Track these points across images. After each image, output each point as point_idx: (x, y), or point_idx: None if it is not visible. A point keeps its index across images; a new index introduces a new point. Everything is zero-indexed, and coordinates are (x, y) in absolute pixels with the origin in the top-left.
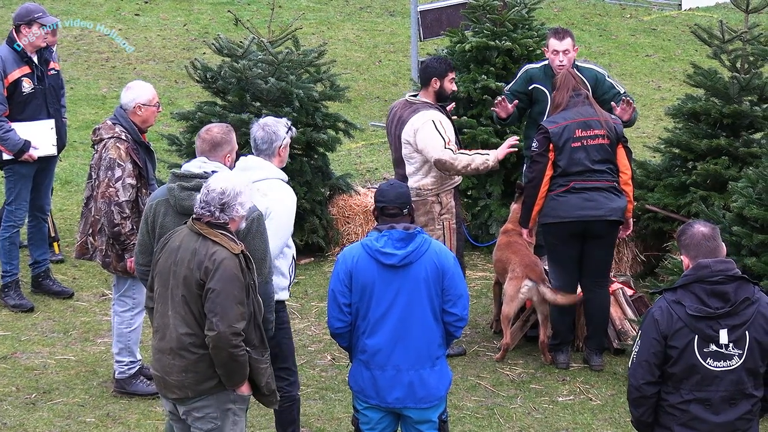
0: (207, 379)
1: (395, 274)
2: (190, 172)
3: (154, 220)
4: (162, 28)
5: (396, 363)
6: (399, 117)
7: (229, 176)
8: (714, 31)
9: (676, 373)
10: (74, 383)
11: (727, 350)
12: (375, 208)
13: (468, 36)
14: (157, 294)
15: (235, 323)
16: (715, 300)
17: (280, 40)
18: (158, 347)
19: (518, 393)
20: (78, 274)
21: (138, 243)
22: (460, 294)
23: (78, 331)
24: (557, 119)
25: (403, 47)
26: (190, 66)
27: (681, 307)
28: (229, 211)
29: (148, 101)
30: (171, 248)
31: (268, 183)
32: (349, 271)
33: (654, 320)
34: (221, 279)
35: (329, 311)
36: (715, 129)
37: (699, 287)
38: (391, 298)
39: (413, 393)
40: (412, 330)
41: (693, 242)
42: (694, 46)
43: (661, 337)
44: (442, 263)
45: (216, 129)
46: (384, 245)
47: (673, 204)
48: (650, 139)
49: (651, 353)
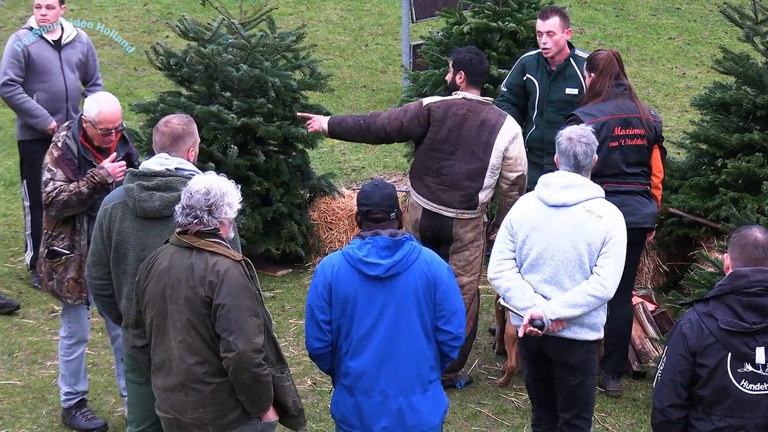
0: (229, 410)
1: (380, 286)
2: (150, 170)
3: (110, 226)
4: (119, 8)
5: (382, 388)
6: (483, 120)
7: (211, 177)
8: (746, 11)
9: (706, 396)
10: (20, 412)
11: (764, 371)
12: (358, 212)
13: (467, 17)
14: (152, 327)
15: (254, 338)
16: (752, 314)
17: (254, 22)
18: (164, 385)
19: (524, 422)
20: (24, 288)
21: (91, 253)
22: (455, 309)
23: (24, 352)
24: (594, 112)
25: (393, 29)
26: (151, 51)
27: (713, 321)
28: (217, 213)
29: (92, 120)
30: (159, 271)
31: (597, 203)
32: (328, 284)
33: (682, 334)
34: (229, 292)
35: (307, 329)
36: (748, 122)
37: (734, 299)
38: (376, 314)
39: (402, 422)
40: (400, 350)
41: (741, 243)
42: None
43: (689, 354)
44: (434, 274)
45: (176, 120)
46: (367, 254)
47: (700, 207)
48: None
49: (678, 371)
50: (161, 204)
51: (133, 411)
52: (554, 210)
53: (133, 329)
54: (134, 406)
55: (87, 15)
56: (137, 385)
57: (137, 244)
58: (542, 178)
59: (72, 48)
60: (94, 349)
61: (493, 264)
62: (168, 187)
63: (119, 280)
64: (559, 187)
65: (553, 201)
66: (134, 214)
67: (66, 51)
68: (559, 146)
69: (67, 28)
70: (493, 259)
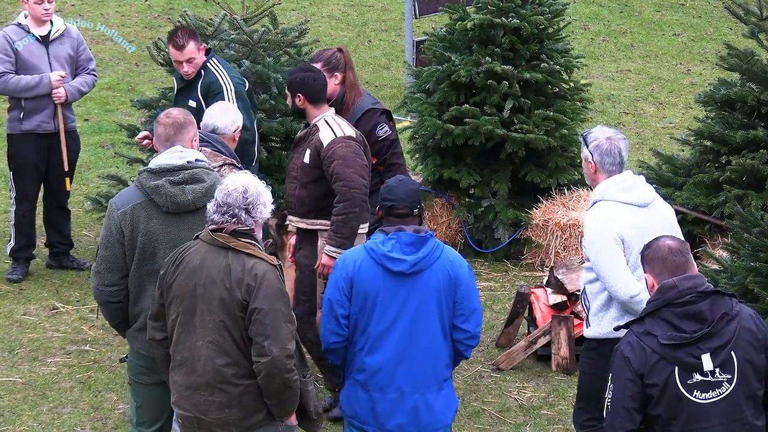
0: (255, 412)
1: (403, 282)
2: (173, 165)
3: (133, 228)
4: (120, 3)
5: (399, 384)
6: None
7: (246, 176)
8: (751, 7)
9: (661, 414)
10: (21, 409)
11: (714, 377)
12: (380, 207)
13: (470, 12)
14: (177, 322)
15: (287, 344)
16: (690, 323)
17: (256, 17)
18: (187, 383)
19: (528, 420)
20: (25, 284)
21: (103, 259)
22: (475, 308)
23: (25, 349)
24: None
25: (396, 25)
26: (152, 47)
27: (652, 338)
28: (254, 213)
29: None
30: (190, 268)
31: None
32: (349, 279)
33: (624, 358)
34: (267, 296)
35: (324, 323)
36: (752, 118)
37: (668, 312)
38: (396, 311)
39: (417, 419)
40: (418, 347)
41: (657, 256)
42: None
43: (636, 377)
44: (456, 272)
45: (176, 111)
46: (391, 249)
47: (704, 204)
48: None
49: (628, 397)
50: (194, 196)
51: (144, 413)
52: (647, 209)
53: (152, 321)
54: (145, 407)
55: (88, 10)
56: (149, 386)
57: (168, 241)
58: (618, 183)
59: (61, 43)
60: (95, 346)
61: (628, 282)
62: (195, 179)
63: (142, 281)
64: (641, 185)
65: (646, 199)
66: (163, 211)
67: (54, 46)
68: (599, 148)
69: (56, 23)
70: (622, 279)
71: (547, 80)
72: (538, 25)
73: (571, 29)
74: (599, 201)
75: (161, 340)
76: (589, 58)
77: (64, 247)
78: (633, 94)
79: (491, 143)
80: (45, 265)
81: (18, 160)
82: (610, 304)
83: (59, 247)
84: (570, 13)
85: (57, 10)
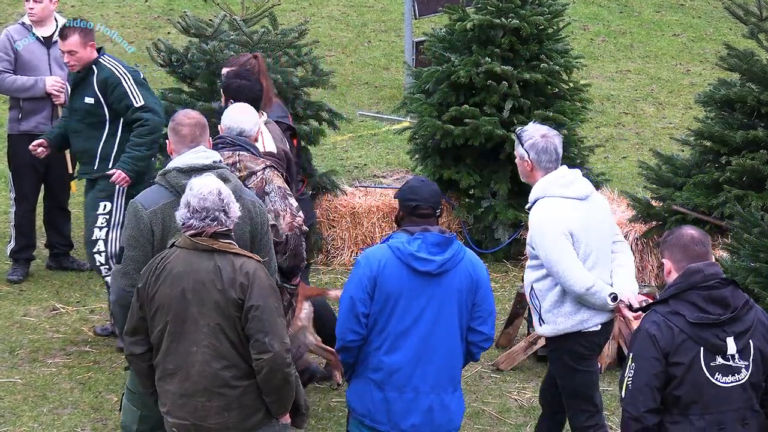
0: (254, 413)
1: (428, 283)
2: (201, 164)
3: (164, 228)
4: (120, 3)
5: (416, 384)
6: None
7: (209, 178)
8: (751, 7)
9: (681, 396)
10: (21, 410)
11: (734, 362)
12: (402, 207)
13: (470, 13)
14: (165, 332)
15: (285, 339)
16: (715, 306)
17: (255, 18)
18: (181, 391)
19: (528, 421)
20: (26, 285)
21: (132, 260)
22: (491, 311)
23: (25, 350)
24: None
25: (396, 26)
26: (152, 48)
27: (680, 318)
28: (230, 213)
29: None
30: (174, 275)
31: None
32: (373, 277)
33: (650, 336)
34: (260, 293)
35: (342, 321)
36: (752, 119)
37: (695, 294)
38: (419, 311)
39: (431, 420)
40: (437, 348)
41: (680, 243)
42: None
43: (661, 356)
44: (477, 274)
45: (193, 113)
46: (418, 249)
47: (704, 204)
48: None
49: (652, 375)
50: None
51: (146, 421)
52: (587, 201)
53: (129, 336)
54: (148, 417)
55: (88, 11)
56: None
57: None
58: (556, 179)
59: None
60: (95, 347)
61: (582, 275)
62: (224, 179)
63: None
64: (579, 179)
65: (586, 192)
66: None
67: (56, 48)
68: (535, 146)
69: (60, 24)
70: (575, 272)
71: (546, 81)
72: (538, 25)
73: (571, 30)
74: (541, 198)
75: (142, 354)
76: (589, 59)
77: (64, 248)
78: (633, 94)
79: (491, 144)
80: (45, 266)
81: (17, 161)
82: (564, 299)
83: (59, 248)
84: (569, 14)
85: (57, 11)
